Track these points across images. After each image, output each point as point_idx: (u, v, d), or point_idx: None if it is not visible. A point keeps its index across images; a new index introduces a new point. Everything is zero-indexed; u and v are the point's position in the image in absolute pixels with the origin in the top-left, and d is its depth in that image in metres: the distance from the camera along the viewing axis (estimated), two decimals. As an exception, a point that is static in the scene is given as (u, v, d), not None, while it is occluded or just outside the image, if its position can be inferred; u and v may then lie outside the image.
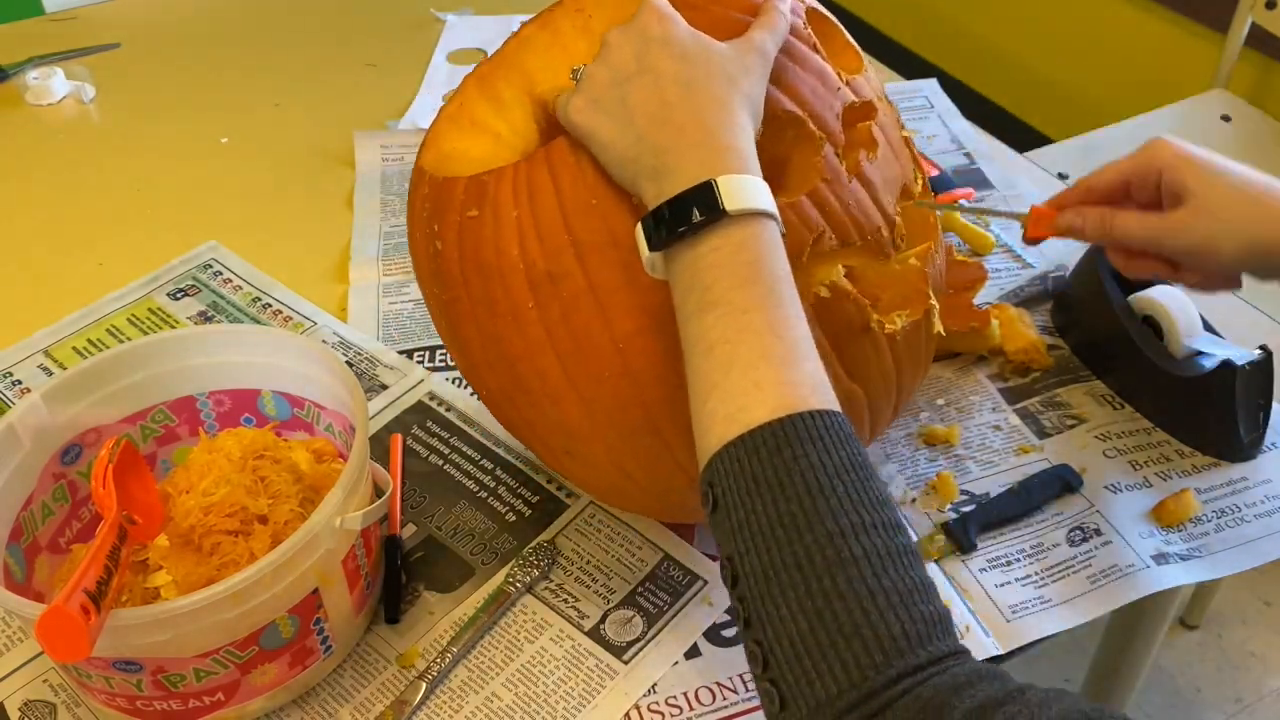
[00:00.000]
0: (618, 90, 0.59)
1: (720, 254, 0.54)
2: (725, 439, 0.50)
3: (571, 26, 0.74)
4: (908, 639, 0.45)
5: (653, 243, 0.56)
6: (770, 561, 0.47)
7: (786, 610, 0.46)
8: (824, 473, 0.48)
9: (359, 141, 1.18)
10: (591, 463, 0.69)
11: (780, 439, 0.49)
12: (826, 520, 0.47)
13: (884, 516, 0.48)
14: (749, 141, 0.58)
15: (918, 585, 0.47)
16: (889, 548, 0.47)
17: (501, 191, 0.63)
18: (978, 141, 1.20)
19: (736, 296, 0.53)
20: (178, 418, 0.77)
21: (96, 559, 0.57)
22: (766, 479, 0.48)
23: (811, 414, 0.49)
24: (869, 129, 0.68)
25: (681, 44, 0.59)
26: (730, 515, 0.49)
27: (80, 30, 1.39)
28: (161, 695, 0.63)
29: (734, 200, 0.54)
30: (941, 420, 0.87)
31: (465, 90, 0.74)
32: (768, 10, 0.64)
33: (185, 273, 1.02)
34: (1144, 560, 0.77)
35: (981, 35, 2.39)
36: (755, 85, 0.60)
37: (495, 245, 0.63)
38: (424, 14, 1.42)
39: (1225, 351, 0.82)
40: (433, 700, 0.69)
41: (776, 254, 0.55)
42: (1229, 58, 1.74)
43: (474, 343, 0.67)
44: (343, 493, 0.64)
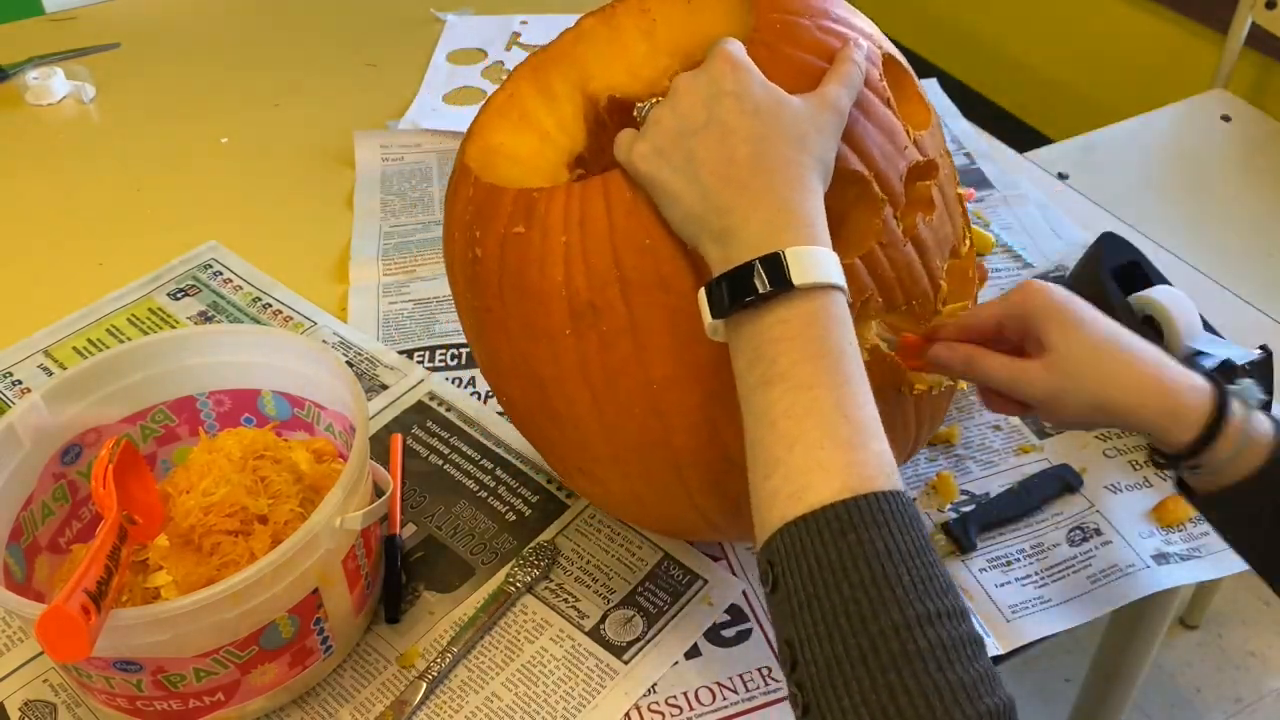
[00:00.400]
0: (685, 142, 0.57)
1: (787, 328, 0.52)
2: (787, 518, 0.49)
3: (635, 27, 0.72)
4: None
5: (716, 309, 0.55)
6: (834, 651, 0.46)
7: (849, 703, 0.45)
8: (890, 560, 0.47)
9: (359, 141, 1.18)
10: (605, 483, 0.69)
11: (845, 522, 0.47)
12: (893, 610, 0.46)
13: (949, 605, 0.47)
14: (818, 207, 0.56)
15: (982, 677, 0.45)
16: (954, 639, 0.46)
17: (552, 213, 0.61)
18: (978, 141, 1.20)
19: (802, 372, 0.51)
20: (178, 418, 0.77)
21: (96, 559, 0.57)
22: (830, 563, 0.47)
23: (877, 496, 0.48)
24: (929, 189, 0.66)
25: (754, 98, 0.57)
26: (791, 598, 0.48)
27: (80, 30, 1.39)
28: (161, 695, 0.63)
29: (803, 274, 0.52)
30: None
31: (517, 80, 0.72)
32: (843, 61, 0.61)
33: (185, 273, 1.02)
34: (1144, 560, 0.77)
35: (981, 35, 2.39)
36: (827, 145, 0.58)
37: (540, 267, 0.61)
38: (424, 14, 1.42)
39: (1225, 351, 0.82)
40: (433, 700, 0.69)
41: (844, 328, 0.53)
42: (1229, 58, 1.74)
43: (503, 354, 0.66)
44: (343, 493, 0.64)
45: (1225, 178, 1.58)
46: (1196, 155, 1.62)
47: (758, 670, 0.71)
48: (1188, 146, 1.63)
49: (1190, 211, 1.50)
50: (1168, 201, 1.52)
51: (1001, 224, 1.07)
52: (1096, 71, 2.16)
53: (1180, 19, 1.94)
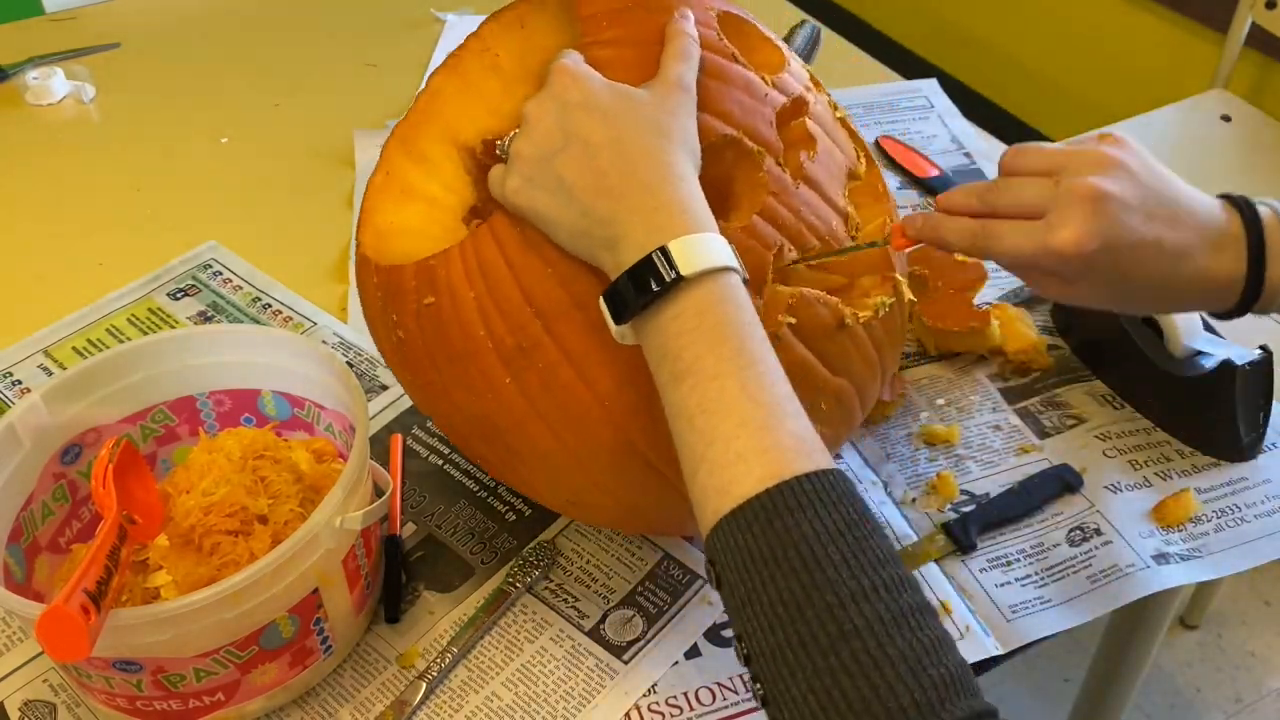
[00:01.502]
0: (550, 166, 0.57)
1: (682, 321, 0.53)
2: (719, 514, 0.49)
3: (480, 66, 0.73)
4: (918, 708, 0.44)
5: (617, 315, 0.55)
6: (776, 641, 0.46)
7: (797, 690, 0.45)
8: (818, 541, 0.47)
9: (359, 141, 1.18)
10: (599, 506, 0.69)
11: (770, 510, 0.48)
12: (825, 592, 0.46)
13: (885, 576, 0.47)
14: (693, 192, 0.56)
15: (927, 647, 0.45)
16: (894, 611, 0.46)
17: (453, 274, 0.62)
18: (978, 141, 1.20)
19: (706, 364, 0.52)
20: (178, 418, 0.77)
21: (96, 559, 0.57)
22: (762, 554, 0.47)
23: (799, 479, 0.48)
24: (804, 126, 0.67)
25: (601, 104, 0.57)
26: (734, 594, 0.49)
27: (80, 30, 1.39)
28: (161, 695, 0.63)
29: (688, 263, 0.53)
30: (941, 420, 0.87)
31: (389, 157, 0.72)
32: (674, 36, 0.61)
33: (185, 273, 1.02)
34: (1144, 560, 0.77)
35: (981, 35, 2.39)
36: (685, 125, 0.58)
37: (460, 328, 0.62)
38: (424, 14, 1.42)
39: (1225, 351, 0.82)
40: (433, 700, 0.69)
41: (741, 309, 0.53)
42: (1229, 58, 1.74)
43: (456, 419, 0.67)
44: (343, 493, 0.64)
45: (1225, 178, 1.58)
46: (1196, 155, 1.62)
47: (758, 670, 0.71)
48: (1188, 147, 1.64)
49: (1190, 211, 1.50)
50: (1168, 201, 1.52)
51: (1001, 224, 1.07)
52: (1096, 71, 2.16)
53: (1180, 19, 1.94)
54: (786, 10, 1.42)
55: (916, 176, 1.13)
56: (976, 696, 0.45)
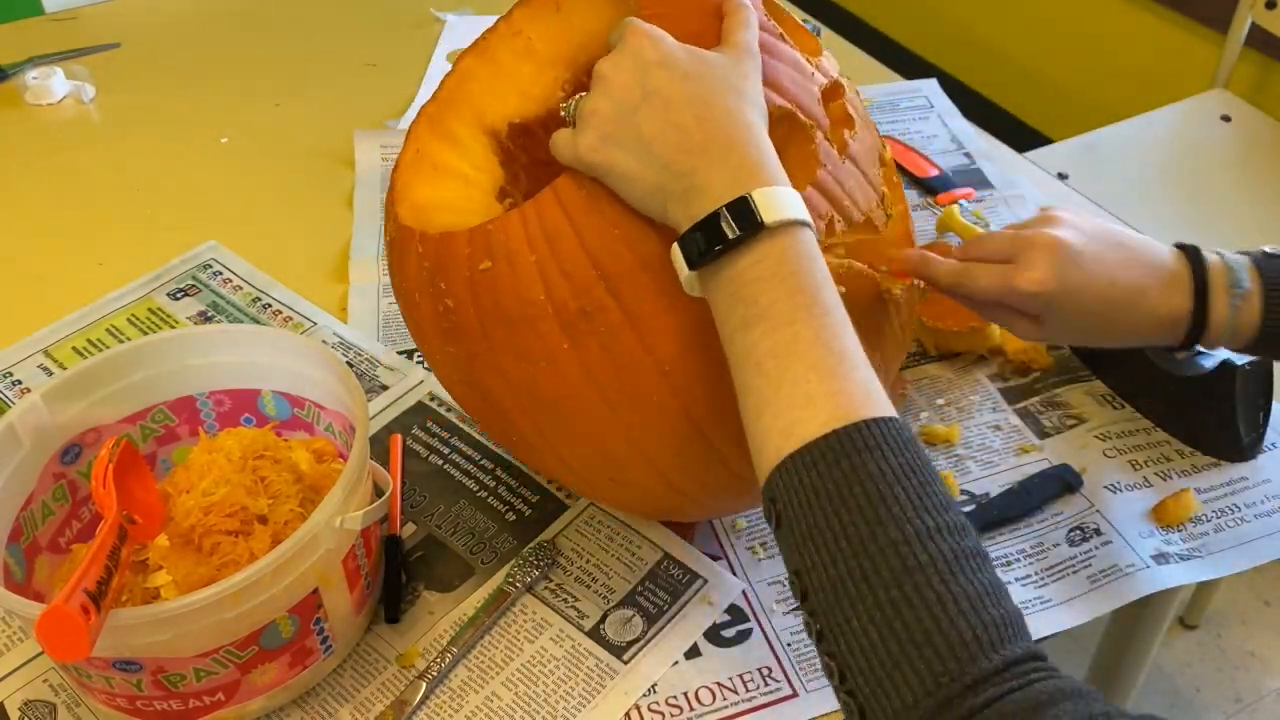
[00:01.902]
0: (629, 122, 0.57)
1: (761, 268, 0.54)
2: (782, 454, 0.50)
3: (512, 50, 0.73)
4: (979, 644, 0.45)
5: (692, 263, 0.56)
6: (838, 574, 0.47)
7: (857, 622, 0.46)
8: (884, 481, 0.48)
9: (359, 141, 1.18)
10: (640, 485, 0.68)
11: (837, 451, 0.49)
12: (890, 528, 0.47)
13: (948, 520, 0.48)
14: (770, 149, 0.57)
15: (987, 589, 0.47)
16: (955, 551, 0.47)
17: (512, 238, 0.61)
18: (978, 141, 1.20)
19: (781, 310, 0.53)
20: (178, 418, 0.77)
21: (96, 559, 0.57)
22: (827, 491, 0.48)
23: (866, 423, 0.49)
24: (844, 106, 0.68)
25: (680, 63, 0.58)
26: (794, 530, 0.49)
27: (80, 30, 1.39)
28: (161, 695, 0.63)
29: (771, 213, 0.54)
30: (941, 420, 0.87)
31: (417, 135, 0.72)
32: (736, 8, 0.63)
33: (185, 273, 1.02)
34: (1144, 560, 0.77)
35: (981, 35, 2.39)
36: (756, 88, 0.60)
37: (517, 293, 0.61)
38: (424, 14, 1.42)
39: (1225, 352, 0.82)
40: (433, 700, 0.69)
41: (816, 262, 0.55)
42: (1229, 58, 1.74)
43: (502, 393, 0.66)
44: (343, 493, 0.64)
45: (1225, 178, 1.58)
46: (1196, 155, 1.62)
47: (758, 670, 0.71)
48: (1188, 146, 1.64)
49: (1190, 211, 1.50)
50: (1168, 201, 1.52)
51: (1001, 224, 1.07)
52: (1096, 71, 2.16)
53: (1180, 19, 1.94)
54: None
55: (916, 176, 1.13)
56: (1031, 640, 0.47)
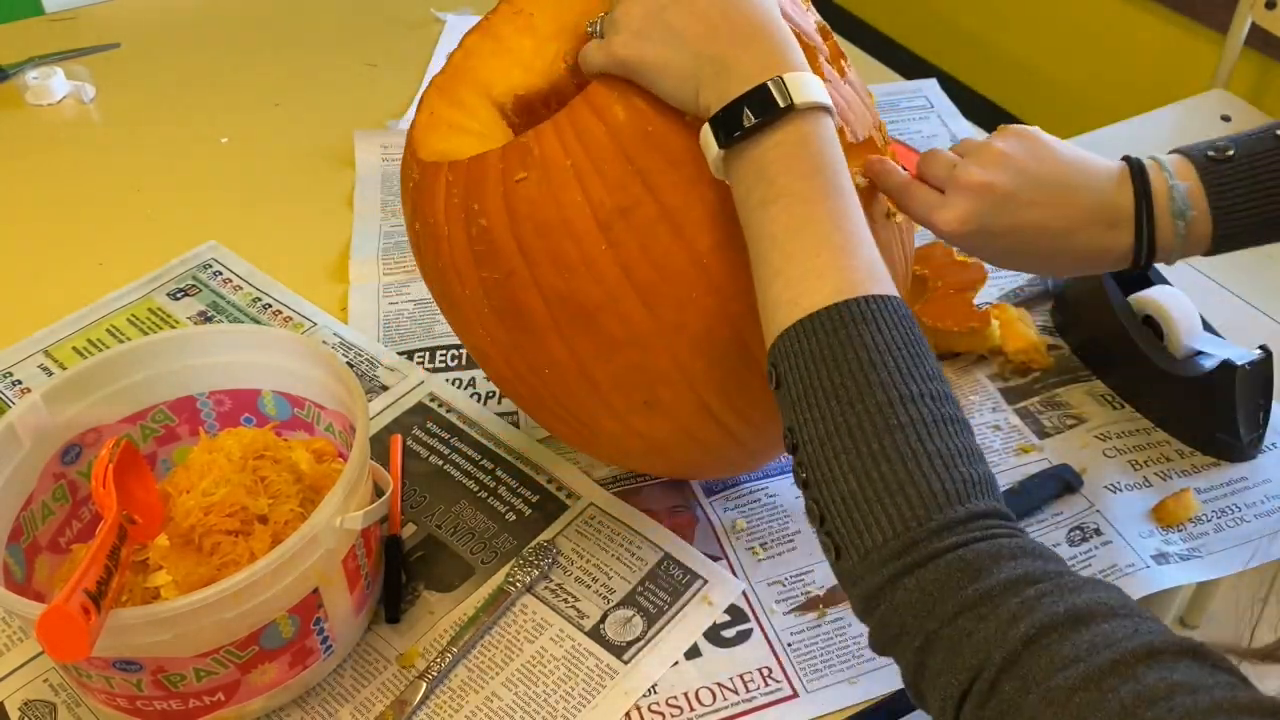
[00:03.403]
0: (660, 18, 0.60)
1: (784, 148, 0.56)
2: (788, 322, 0.53)
3: (513, 29, 0.74)
4: (947, 496, 0.48)
5: (721, 142, 0.58)
6: (825, 429, 0.51)
7: (839, 470, 0.50)
8: (876, 350, 0.51)
9: (359, 141, 1.18)
10: (671, 411, 0.67)
11: (837, 320, 0.52)
12: (877, 391, 0.50)
13: (933, 389, 0.51)
14: (792, 36, 0.60)
15: (961, 451, 0.50)
16: (935, 416, 0.50)
17: (547, 147, 0.62)
18: (978, 141, 1.20)
19: (800, 188, 0.55)
20: (178, 418, 0.77)
21: (96, 559, 0.57)
22: (823, 355, 0.52)
23: (868, 298, 0.52)
24: (835, 43, 0.71)
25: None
26: (790, 390, 0.53)
27: (80, 30, 1.39)
28: (161, 695, 0.63)
29: (800, 95, 0.56)
30: (941, 420, 0.87)
31: (429, 102, 0.73)
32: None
33: (185, 273, 1.02)
34: (1144, 560, 0.77)
35: (981, 35, 2.40)
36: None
37: (554, 199, 0.62)
38: (424, 14, 1.42)
39: (1225, 351, 0.82)
40: (433, 700, 0.69)
41: (835, 147, 0.57)
42: (1229, 58, 1.74)
43: (538, 313, 0.65)
44: (343, 493, 0.64)
45: (1225, 178, 1.58)
46: (1196, 155, 1.62)
47: (758, 670, 0.71)
48: (1188, 146, 1.63)
49: (1190, 211, 1.50)
50: (1168, 201, 1.51)
51: (1001, 224, 1.07)
52: (1096, 71, 2.16)
53: (1180, 19, 1.94)
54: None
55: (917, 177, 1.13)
56: (1000, 501, 0.50)
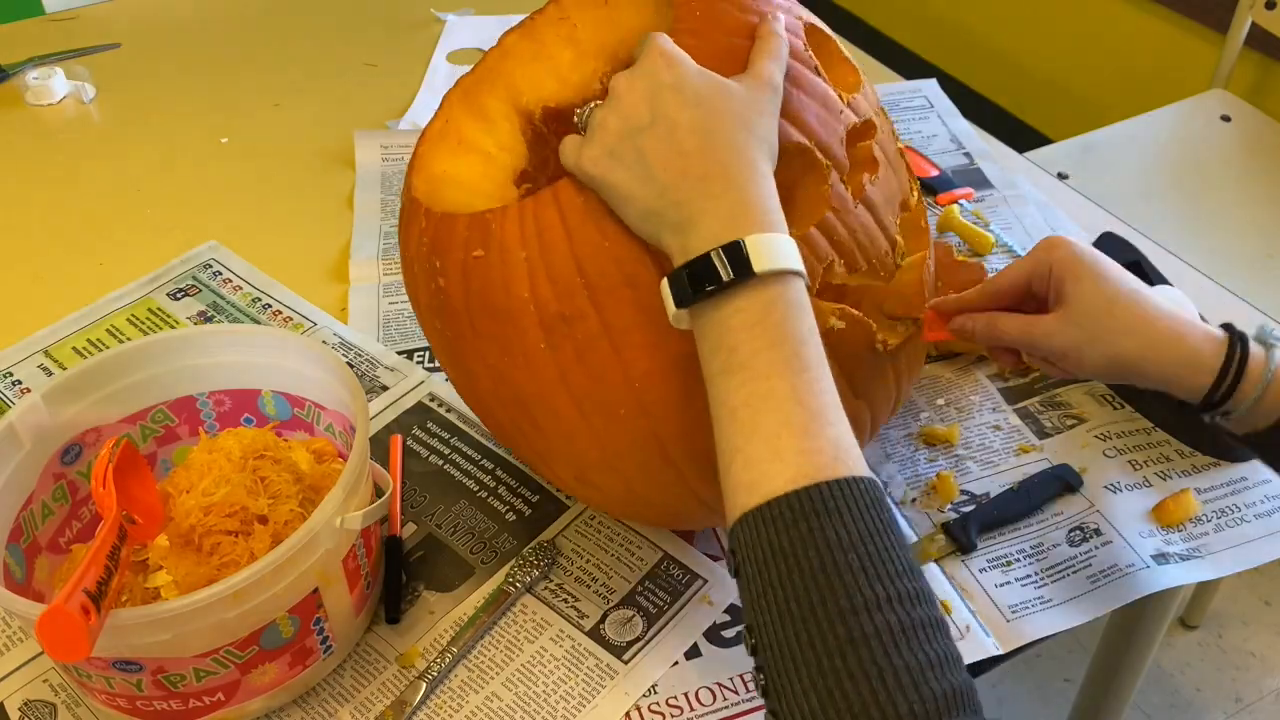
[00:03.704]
0: (633, 141, 0.57)
1: (745, 316, 0.53)
2: (746, 507, 0.50)
3: (556, 35, 0.73)
4: (915, 718, 0.44)
5: (679, 299, 0.55)
6: (785, 637, 0.47)
7: (799, 686, 0.46)
8: (840, 548, 0.47)
9: (359, 141, 1.18)
10: (604, 489, 0.69)
11: (797, 511, 0.48)
12: (840, 598, 0.47)
13: (903, 588, 0.47)
14: (772, 191, 0.57)
15: (934, 661, 0.46)
16: (905, 623, 0.46)
17: (508, 232, 0.61)
18: (978, 141, 1.20)
19: (760, 362, 0.52)
20: (178, 418, 0.77)
21: (96, 559, 0.57)
22: (783, 551, 0.48)
23: (830, 484, 0.49)
24: (870, 149, 0.67)
25: (694, 89, 0.57)
26: (750, 585, 0.49)
27: (80, 30, 1.39)
28: (161, 695, 0.63)
29: (762, 261, 0.53)
30: (941, 420, 0.87)
31: (449, 106, 0.72)
32: (767, 36, 0.61)
33: (185, 273, 1.02)
34: (1144, 560, 0.77)
35: (981, 35, 2.39)
36: (769, 124, 0.59)
37: (504, 286, 0.61)
38: (424, 14, 1.42)
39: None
40: (433, 700, 0.69)
41: (803, 314, 0.54)
42: (1229, 58, 1.74)
43: (481, 379, 0.66)
44: (343, 492, 0.64)
45: (1225, 178, 1.58)
46: (1196, 155, 1.62)
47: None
48: (1188, 146, 1.63)
49: (1190, 211, 1.50)
50: (1168, 201, 1.52)
51: (1002, 224, 1.07)
52: (1096, 71, 2.16)
53: (1180, 19, 1.94)
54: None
55: (917, 176, 1.13)
56: (978, 713, 0.46)
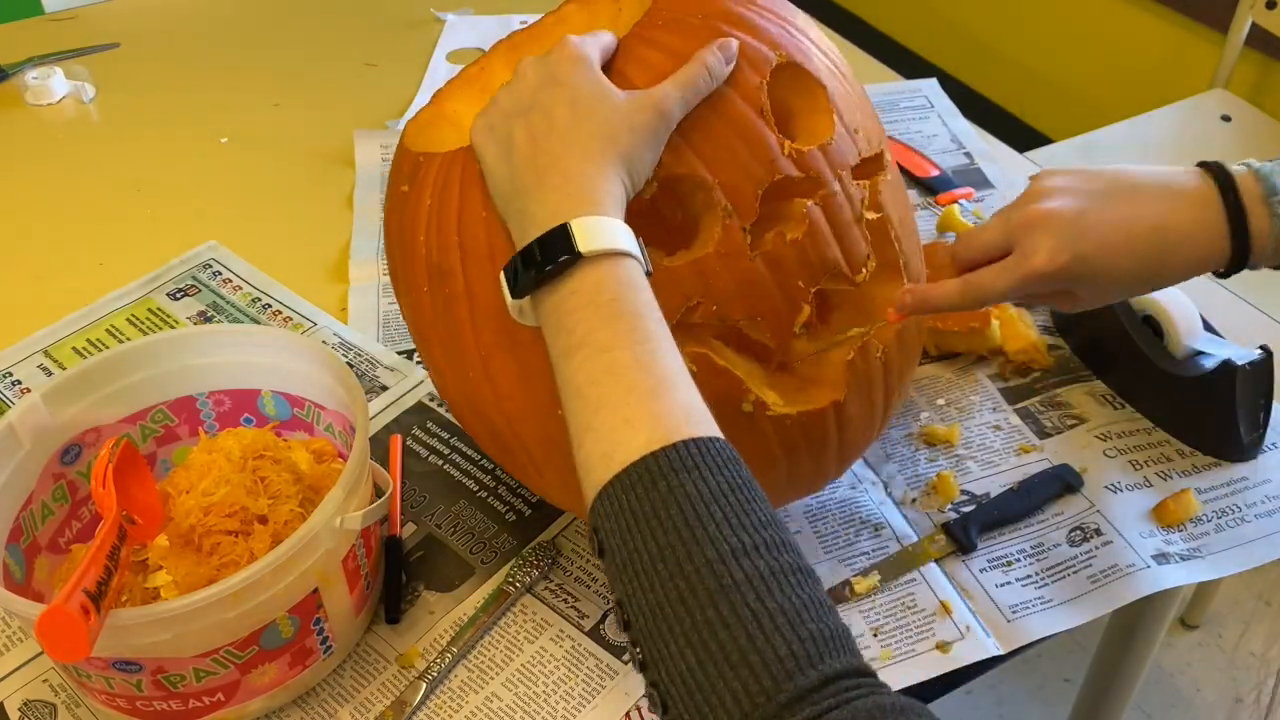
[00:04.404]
0: (509, 122, 0.59)
1: (579, 296, 0.53)
2: (603, 480, 0.49)
3: (608, 11, 0.74)
4: (795, 659, 0.43)
5: (515, 289, 0.56)
6: (656, 599, 0.46)
7: (675, 647, 0.45)
8: (700, 501, 0.47)
9: (359, 141, 1.18)
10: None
11: (655, 472, 0.48)
12: (706, 548, 0.46)
13: (768, 537, 0.47)
14: (611, 194, 0.56)
15: (807, 603, 0.45)
16: (774, 568, 0.46)
17: (427, 177, 0.65)
18: (978, 141, 1.20)
19: (599, 336, 0.52)
20: (178, 418, 0.77)
21: (96, 559, 0.57)
22: (645, 513, 0.47)
23: (685, 443, 0.48)
24: (802, 207, 0.63)
25: (577, 90, 0.58)
26: (615, 556, 0.48)
27: (80, 30, 1.39)
28: (161, 695, 0.63)
29: (588, 241, 0.53)
30: (941, 420, 0.87)
31: (493, 55, 0.75)
32: (693, 62, 0.60)
33: (185, 273, 1.02)
34: (1144, 560, 0.76)
35: (981, 35, 2.39)
36: (640, 146, 0.58)
37: (411, 225, 0.66)
38: (424, 14, 1.42)
39: (1225, 351, 0.82)
40: (433, 700, 0.69)
41: (637, 289, 0.54)
42: (1229, 58, 1.74)
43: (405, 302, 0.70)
44: (343, 492, 0.64)
45: (1225, 178, 1.58)
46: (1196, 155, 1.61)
47: (758, 670, 0.71)
48: (1188, 146, 1.63)
49: (1190, 211, 1.50)
50: (1168, 201, 1.51)
51: (1001, 224, 1.07)
52: (1096, 71, 2.16)
53: (1180, 19, 1.94)
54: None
55: (917, 176, 1.13)
56: (857, 656, 0.45)
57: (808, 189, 0.64)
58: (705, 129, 0.61)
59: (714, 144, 0.61)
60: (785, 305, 0.63)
